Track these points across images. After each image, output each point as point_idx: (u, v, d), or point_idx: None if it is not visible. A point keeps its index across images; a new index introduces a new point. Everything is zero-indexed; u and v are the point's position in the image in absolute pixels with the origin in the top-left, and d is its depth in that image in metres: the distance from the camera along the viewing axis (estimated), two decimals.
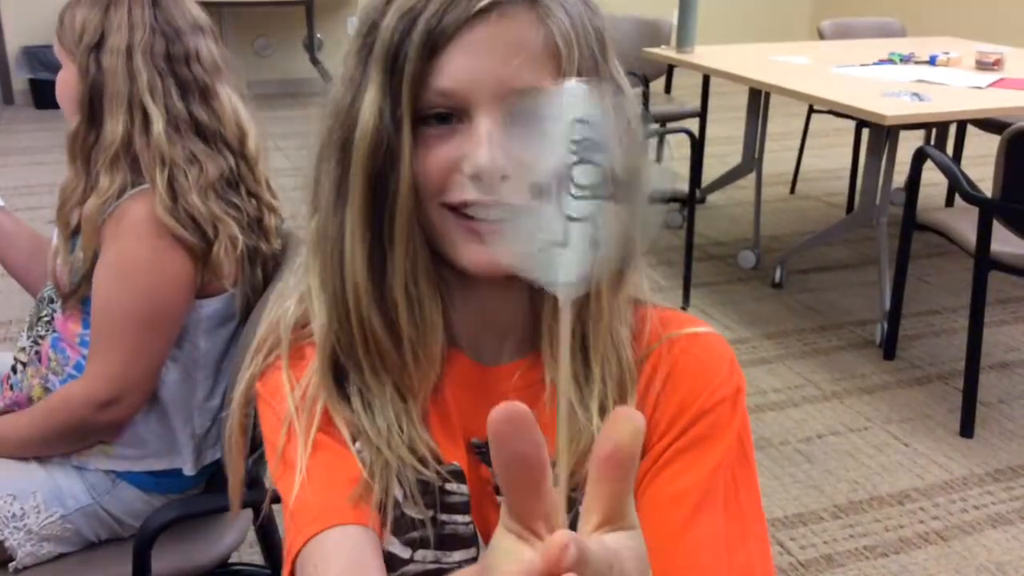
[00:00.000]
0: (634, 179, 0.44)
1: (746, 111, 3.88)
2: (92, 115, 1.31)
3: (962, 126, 4.10)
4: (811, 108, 4.19)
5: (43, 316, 1.42)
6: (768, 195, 4.24)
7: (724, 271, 3.71)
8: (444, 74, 0.68)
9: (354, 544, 0.72)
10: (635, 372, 0.77)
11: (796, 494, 2.33)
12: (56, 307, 1.40)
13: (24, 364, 1.43)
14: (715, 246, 3.93)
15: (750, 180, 3.95)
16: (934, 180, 3.36)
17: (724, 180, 4.14)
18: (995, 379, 2.88)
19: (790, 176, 4.66)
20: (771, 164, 4.22)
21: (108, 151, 1.30)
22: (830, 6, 6.86)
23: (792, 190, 4.63)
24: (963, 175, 2.67)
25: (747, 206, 4.03)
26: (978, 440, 2.57)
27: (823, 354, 3.05)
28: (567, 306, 0.42)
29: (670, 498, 0.74)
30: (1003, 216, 2.52)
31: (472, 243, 0.70)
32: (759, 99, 3.80)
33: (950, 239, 2.74)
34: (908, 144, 3.15)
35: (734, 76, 3.46)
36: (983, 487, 2.37)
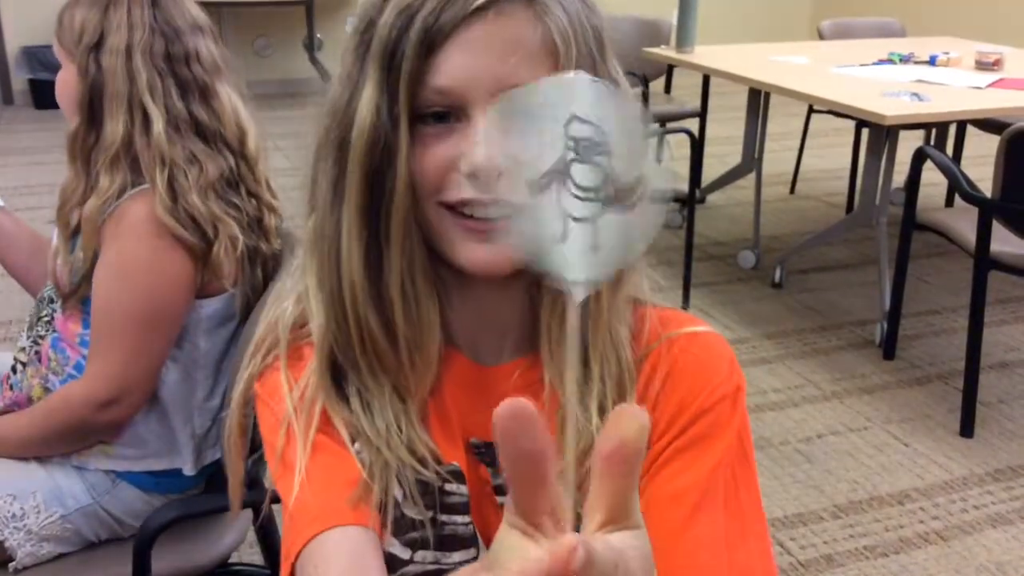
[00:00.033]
0: (637, 180, 0.43)
1: (746, 111, 3.88)
2: (92, 115, 1.31)
3: (962, 126, 4.10)
4: (811, 108, 4.18)
5: (43, 316, 1.42)
6: (768, 195, 4.24)
7: (724, 271, 3.71)
8: (441, 72, 0.68)
9: (354, 545, 0.71)
10: (634, 371, 0.77)
11: (796, 494, 2.33)
12: (56, 307, 1.40)
13: (24, 364, 1.43)
14: (715, 246, 3.93)
15: (750, 180, 3.95)
16: (934, 180, 3.36)
17: (724, 180, 4.14)
18: (995, 379, 2.88)
19: (790, 176, 4.66)
20: (771, 164, 4.21)
21: (108, 151, 1.30)
22: (830, 6, 6.86)
23: (792, 190, 4.63)
24: (963, 175, 2.67)
25: (747, 206, 4.03)
26: (978, 440, 2.57)
27: (823, 354, 3.05)
28: (574, 305, 0.41)
29: (670, 497, 0.73)
30: (1003, 216, 2.52)
31: (470, 242, 0.70)
32: (759, 99, 3.80)
33: (950, 239, 2.74)
34: (908, 144, 3.15)
35: (734, 76, 3.46)
36: (983, 487, 2.37)
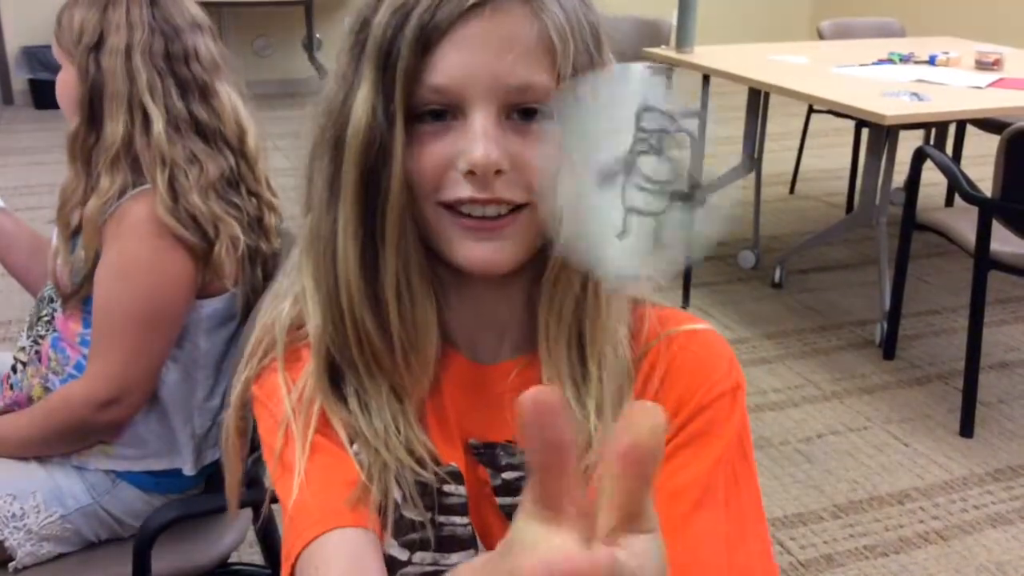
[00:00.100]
0: (703, 178, 0.42)
1: (745, 111, 3.87)
2: (92, 116, 1.31)
3: (962, 126, 4.09)
4: (811, 108, 4.18)
5: (43, 316, 1.42)
6: (768, 195, 4.24)
7: (724, 271, 3.71)
8: (437, 70, 0.67)
9: (354, 547, 0.71)
10: (632, 371, 0.76)
11: (796, 494, 2.33)
12: (56, 307, 1.40)
13: (24, 364, 1.43)
14: (715, 246, 3.92)
15: (750, 180, 3.95)
16: (934, 180, 3.35)
17: (724, 180, 4.14)
18: (995, 379, 2.88)
19: (790, 176, 4.65)
20: (771, 164, 4.21)
21: (108, 152, 1.30)
22: (829, 6, 6.86)
23: (792, 190, 4.63)
24: (963, 175, 2.67)
25: (747, 206, 4.02)
26: (978, 440, 2.57)
27: (823, 354, 3.05)
28: (614, 297, 0.40)
29: (669, 494, 0.73)
30: (1003, 216, 2.52)
31: (468, 240, 0.70)
32: (758, 99, 3.79)
33: (950, 239, 2.74)
34: (908, 144, 3.15)
35: (734, 76, 3.45)
36: (983, 487, 2.37)
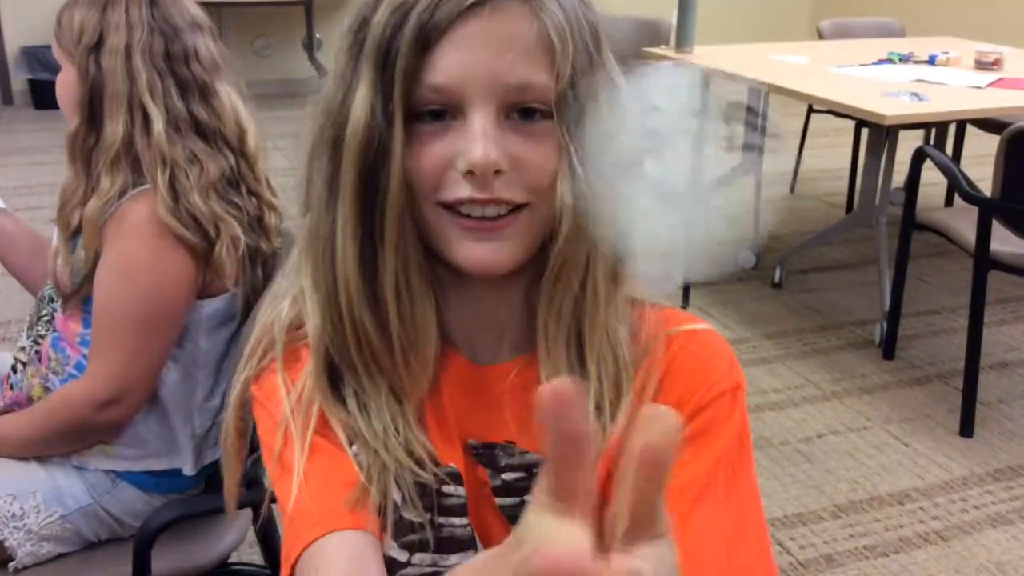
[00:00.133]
0: (720, 179, 0.42)
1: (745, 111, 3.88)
2: (92, 116, 1.31)
3: (961, 126, 4.09)
4: (810, 108, 4.18)
5: (43, 315, 1.42)
6: (768, 195, 4.24)
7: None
8: (436, 69, 0.67)
9: (353, 549, 0.71)
10: (632, 371, 0.76)
11: (796, 494, 2.33)
12: (56, 306, 1.40)
13: (24, 364, 1.43)
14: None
15: (749, 180, 3.95)
16: (933, 180, 3.35)
17: (723, 181, 4.13)
18: (995, 379, 2.88)
19: (790, 176, 4.65)
20: (771, 164, 4.21)
21: (109, 152, 1.30)
22: (829, 6, 6.86)
23: (792, 190, 4.63)
24: (962, 175, 2.67)
25: (747, 205, 4.03)
26: (978, 440, 2.57)
27: (823, 354, 3.05)
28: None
29: (669, 492, 0.72)
30: (1002, 216, 2.52)
31: (467, 241, 0.70)
32: (758, 99, 3.79)
33: (949, 239, 2.74)
34: (907, 144, 3.15)
35: (733, 76, 3.45)
36: (983, 487, 2.37)
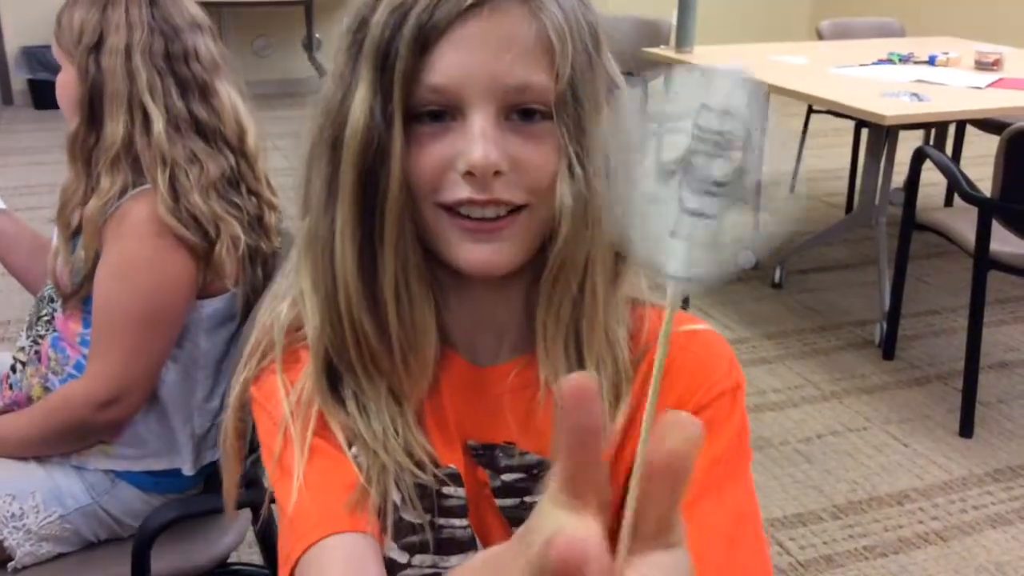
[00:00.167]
0: (769, 180, 0.41)
1: None
2: (92, 116, 1.31)
3: (961, 126, 4.09)
4: (810, 108, 4.18)
5: (43, 315, 1.42)
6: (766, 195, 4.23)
7: (716, 275, 3.70)
8: (436, 70, 0.67)
9: (353, 552, 0.71)
10: (631, 372, 0.76)
11: (795, 494, 2.33)
12: (56, 306, 1.40)
13: (24, 363, 1.43)
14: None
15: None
16: (933, 180, 3.35)
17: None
18: (994, 379, 2.88)
19: (789, 176, 4.65)
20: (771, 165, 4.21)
21: (109, 152, 1.30)
22: (829, 6, 6.86)
23: (791, 190, 4.63)
24: (962, 175, 2.67)
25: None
26: (977, 440, 2.57)
27: (822, 354, 3.05)
28: (675, 301, 0.40)
29: None
30: (1002, 216, 2.52)
31: (467, 242, 0.70)
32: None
33: (949, 239, 2.74)
34: (907, 144, 3.15)
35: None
36: (982, 487, 2.37)
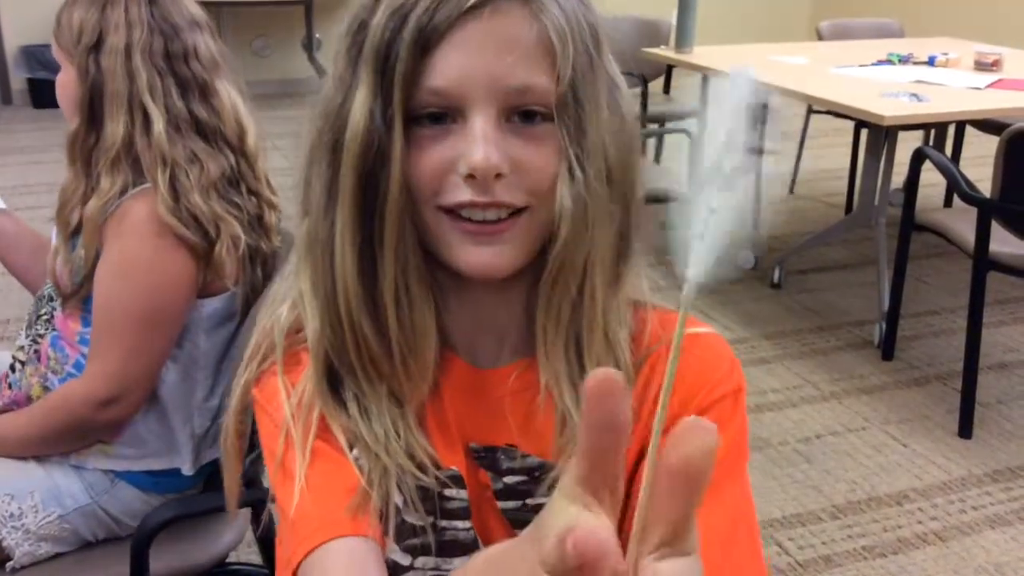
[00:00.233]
0: (747, 160, 0.41)
1: None
2: (92, 116, 1.31)
3: (961, 127, 4.09)
4: (810, 108, 4.18)
5: (42, 314, 1.42)
6: (767, 195, 4.24)
7: (723, 271, 3.70)
8: (436, 72, 0.67)
9: (355, 556, 0.71)
10: (633, 374, 0.76)
11: (794, 494, 2.33)
12: (56, 305, 1.40)
13: (23, 363, 1.43)
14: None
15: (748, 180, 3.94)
16: (933, 181, 3.36)
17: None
18: (993, 380, 2.88)
19: (789, 176, 4.65)
20: (773, 164, 4.21)
21: (109, 152, 1.30)
22: (828, 7, 6.86)
23: (791, 190, 4.63)
24: (962, 176, 2.67)
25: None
26: (976, 441, 2.57)
27: (821, 354, 3.05)
28: (688, 305, 0.40)
29: None
30: (1002, 217, 2.52)
31: (468, 245, 0.70)
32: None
33: (949, 240, 2.74)
34: (907, 145, 3.15)
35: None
36: (981, 488, 2.37)
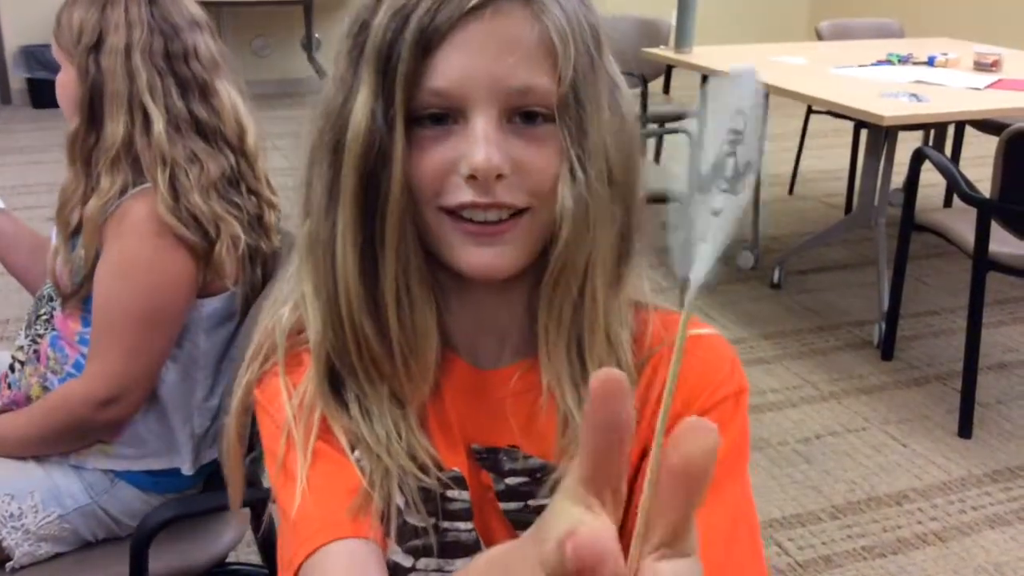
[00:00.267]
0: (750, 162, 0.41)
1: None
2: (92, 116, 1.31)
3: (960, 127, 4.09)
4: (809, 109, 4.18)
5: (42, 314, 1.42)
6: (767, 196, 4.24)
7: (722, 271, 3.71)
8: (438, 73, 0.67)
9: (356, 558, 0.71)
10: (635, 375, 0.76)
11: (794, 495, 2.33)
12: (55, 305, 1.40)
13: (22, 363, 1.43)
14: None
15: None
16: (932, 181, 3.36)
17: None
18: (993, 380, 2.88)
19: (788, 177, 4.66)
20: (769, 165, 4.21)
21: (109, 152, 1.30)
22: (828, 7, 6.86)
23: (791, 191, 4.63)
24: (961, 176, 2.67)
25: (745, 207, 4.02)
26: (976, 441, 2.57)
27: (821, 355, 3.05)
28: (691, 307, 0.39)
29: None
30: (1001, 217, 2.52)
31: (469, 246, 0.70)
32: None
33: (948, 240, 2.74)
34: (906, 145, 3.15)
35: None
36: (981, 488, 2.37)
